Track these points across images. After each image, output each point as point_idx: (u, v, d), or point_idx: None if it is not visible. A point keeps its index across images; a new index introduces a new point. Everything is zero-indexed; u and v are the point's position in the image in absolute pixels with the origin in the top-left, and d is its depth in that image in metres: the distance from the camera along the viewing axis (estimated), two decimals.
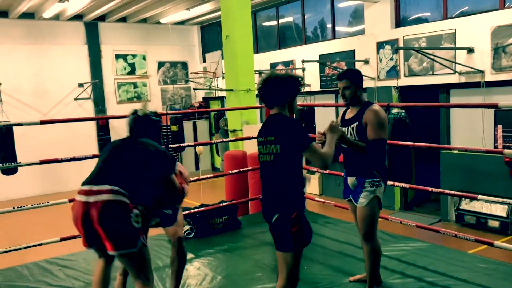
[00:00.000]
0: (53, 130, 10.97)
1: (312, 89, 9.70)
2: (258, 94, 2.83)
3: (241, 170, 5.82)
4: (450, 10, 7.46)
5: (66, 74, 11.84)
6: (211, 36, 13.73)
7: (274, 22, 11.31)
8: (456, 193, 4.44)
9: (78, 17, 11.66)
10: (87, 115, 11.98)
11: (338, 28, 9.66)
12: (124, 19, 12.46)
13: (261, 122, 9.07)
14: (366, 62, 8.54)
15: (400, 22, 8.22)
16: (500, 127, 6.66)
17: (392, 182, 4.43)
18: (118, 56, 12.76)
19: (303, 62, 9.21)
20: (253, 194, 6.00)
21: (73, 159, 4.52)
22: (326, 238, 4.76)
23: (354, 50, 8.86)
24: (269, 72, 2.87)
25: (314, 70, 9.70)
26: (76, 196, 2.63)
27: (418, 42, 7.58)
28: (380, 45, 8.30)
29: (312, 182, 9.89)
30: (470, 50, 6.88)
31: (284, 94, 2.73)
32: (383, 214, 3.75)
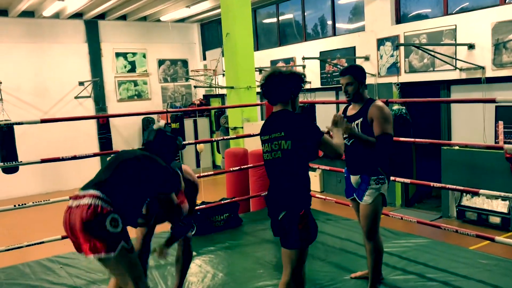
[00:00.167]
0: (53, 128, 11.00)
1: (312, 86, 9.70)
2: (261, 91, 2.81)
3: (242, 167, 5.82)
4: (451, 6, 7.45)
5: (66, 72, 11.84)
6: (211, 33, 13.72)
7: (274, 19, 11.29)
8: (457, 187, 4.44)
9: (78, 15, 11.66)
10: (88, 114, 11.99)
11: (338, 24, 9.64)
12: (124, 17, 12.45)
13: (262, 119, 9.07)
14: (366, 58, 8.52)
15: (400, 18, 8.21)
16: (501, 123, 6.65)
17: (393, 178, 4.43)
18: (118, 54, 12.75)
19: (304, 59, 9.20)
20: (254, 191, 6.01)
21: (74, 158, 4.52)
22: (327, 235, 4.76)
23: (354, 47, 8.85)
24: (272, 68, 2.86)
25: (314, 67, 9.68)
26: None
27: (419, 38, 7.56)
28: (380, 41, 8.29)
29: (313, 179, 9.89)
30: (471, 46, 6.86)
31: (287, 91, 2.72)
32: (384, 210, 3.74)
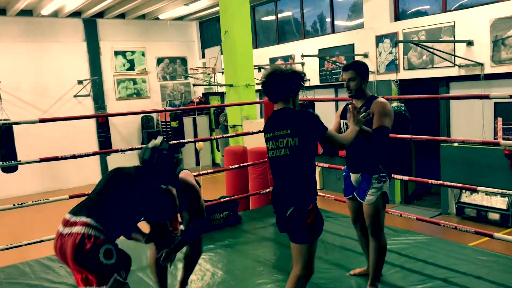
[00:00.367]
0: (53, 127, 11.00)
1: (311, 83, 9.69)
2: (262, 89, 2.83)
3: (241, 165, 5.82)
4: (449, 3, 7.44)
5: (65, 71, 11.83)
6: (210, 31, 13.71)
7: (273, 17, 11.28)
8: (456, 184, 4.46)
9: (77, 14, 11.64)
10: (87, 112, 11.99)
11: (337, 22, 9.63)
12: (122, 16, 12.44)
13: (261, 117, 9.07)
14: (365, 56, 8.52)
15: (399, 15, 8.20)
16: (500, 120, 6.65)
17: (392, 175, 4.43)
18: (117, 52, 12.74)
19: (303, 56, 9.20)
20: (253, 189, 6.01)
21: (73, 157, 4.52)
22: (326, 232, 4.73)
23: (353, 44, 8.84)
24: (272, 67, 2.87)
25: (313, 64, 9.68)
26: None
27: (418, 35, 7.56)
28: (379, 38, 8.28)
29: None
30: (470, 43, 6.86)
31: (289, 89, 2.75)
32: None
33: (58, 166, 11.19)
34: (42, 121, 4.53)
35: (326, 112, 8.72)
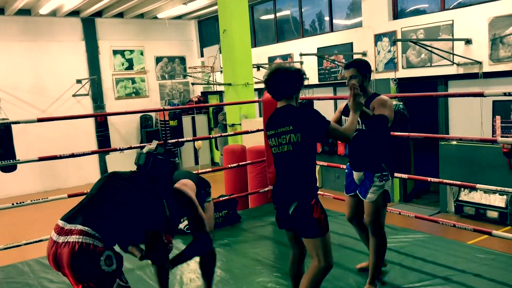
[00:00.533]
0: (51, 126, 11.00)
1: (310, 82, 9.69)
2: (264, 86, 2.85)
3: (240, 164, 5.82)
4: (448, 1, 7.44)
5: (63, 70, 11.82)
6: (209, 30, 13.70)
7: (272, 16, 11.28)
8: (454, 182, 4.47)
9: (75, 13, 11.63)
10: (86, 111, 11.98)
11: (335, 20, 9.64)
12: (121, 15, 12.43)
13: (260, 116, 9.07)
14: (364, 54, 8.52)
15: (397, 14, 8.20)
16: (498, 118, 6.67)
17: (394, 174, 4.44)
18: (116, 51, 12.73)
19: (301, 55, 9.19)
20: (252, 188, 6.01)
21: (71, 156, 4.52)
22: None
23: (352, 43, 8.84)
24: (275, 64, 2.91)
25: (312, 63, 9.68)
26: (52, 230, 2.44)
27: (416, 34, 7.56)
28: (378, 37, 8.28)
29: None
30: (468, 41, 6.86)
31: (293, 86, 2.80)
32: None
33: (57, 165, 11.19)
34: (40, 120, 4.52)
35: (325, 110, 8.63)
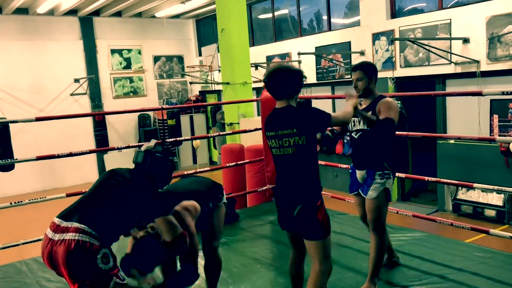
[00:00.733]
0: (49, 126, 10.99)
1: (308, 81, 9.66)
2: (264, 85, 2.81)
3: (238, 163, 5.82)
4: (445, 0, 7.46)
5: (61, 69, 11.80)
6: (207, 29, 13.69)
7: (270, 15, 11.28)
8: (452, 181, 4.48)
9: (73, 12, 11.61)
10: (84, 111, 11.96)
11: (333, 20, 9.64)
12: (119, 14, 12.41)
13: (258, 115, 9.07)
14: (362, 53, 8.53)
15: (395, 13, 8.21)
16: (496, 117, 6.69)
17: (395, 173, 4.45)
18: (114, 51, 12.71)
19: (299, 54, 9.20)
20: (250, 187, 6.01)
21: (69, 155, 4.52)
22: None
23: (350, 42, 8.85)
24: (275, 64, 2.90)
25: (310, 62, 9.68)
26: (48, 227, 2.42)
27: (414, 33, 7.57)
28: (375, 36, 8.29)
29: None
30: (466, 40, 6.88)
31: (294, 86, 2.77)
32: None
33: (55, 164, 11.18)
34: (38, 119, 4.52)
35: (323, 109, 8.72)
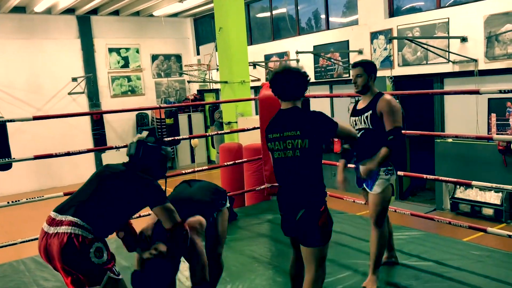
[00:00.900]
0: (47, 125, 10.96)
1: None
2: (271, 85, 2.74)
3: (236, 162, 5.82)
4: None
5: (59, 68, 11.77)
6: (205, 28, 13.67)
7: (268, 14, 11.27)
8: (450, 179, 4.48)
9: (70, 10, 11.58)
10: (81, 110, 11.94)
11: (332, 18, 9.64)
12: (116, 12, 12.38)
13: (256, 114, 9.06)
14: (360, 52, 8.53)
15: (393, 12, 8.21)
16: (493, 116, 6.69)
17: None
18: (111, 49, 12.69)
19: (297, 53, 9.19)
20: (248, 186, 6.01)
21: (67, 154, 4.51)
22: None
23: (348, 41, 8.85)
24: (282, 64, 2.86)
25: (308, 61, 9.68)
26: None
27: (412, 31, 7.57)
28: (374, 35, 8.29)
29: None
30: (464, 39, 6.88)
31: (302, 87, 2.72)
32: None
33: (52, 164, 11.15)
34: (36, 118, 4.51)
35: (321, 108, 8.65)
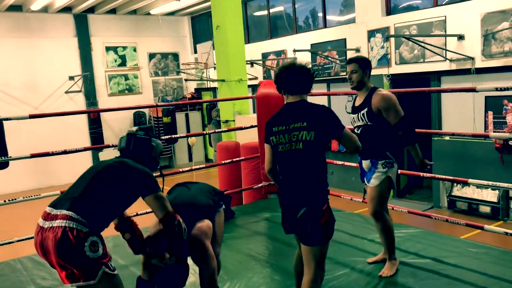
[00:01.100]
0: (44, 123, 10.90)
1: None
2: (278, 77, 2.73)
3: (234, 160, 5.82)
4: None
5: (56, 67, 11.74)
6: (202, 26, 13.66)
7: (265, 12, 11.26)
8: (447, 177, 4.50)
9: (67, 9, 11.55)
10: (78, 108, 11.92)
11: (329, 17, 9.64)
12: (113, 11, 12.35)
13: (253, 112, 9.06)
14: (357, 50, 8.53)
15: (390, 10, 8.22)
16: (490, 114, 6.71)
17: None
18: (109, 48, 12.66)
19: (295, 51, 9.18)
20: (246, 184, 6.01)
21: (64, 152, 4.50)
22: None
23: (345, 39, 8.85)
24: (290, 60, 2.85)
25: (305, 59, 9.67)
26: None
27: (409, 29, 7.58)
28: (371, 33, 8.29)
29: None
30: (461, 37, 6.89)
31: (309, 82, 2.73)
32: None
33: (49, 162, 11.11)
34: (32, 117, 4.48)
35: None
